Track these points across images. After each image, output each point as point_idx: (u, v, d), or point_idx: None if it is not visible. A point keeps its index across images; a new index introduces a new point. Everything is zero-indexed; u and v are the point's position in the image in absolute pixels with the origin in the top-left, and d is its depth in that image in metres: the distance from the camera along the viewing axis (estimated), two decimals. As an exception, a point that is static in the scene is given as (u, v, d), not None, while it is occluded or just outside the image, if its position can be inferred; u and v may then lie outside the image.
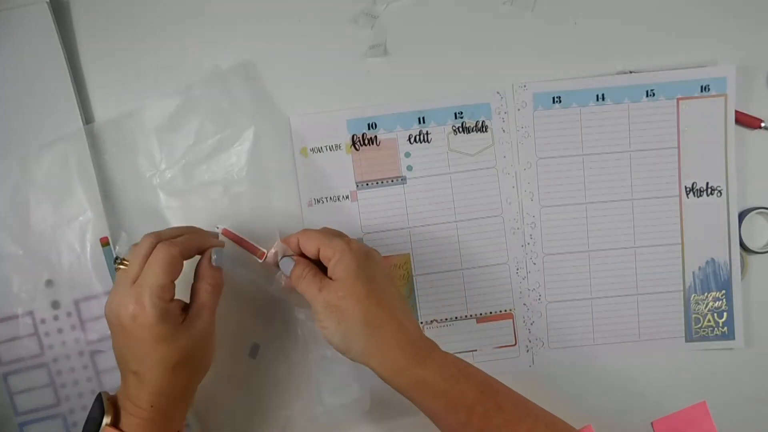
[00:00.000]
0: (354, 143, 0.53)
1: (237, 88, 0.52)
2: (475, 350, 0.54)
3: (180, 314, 0.43)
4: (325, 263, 0.45)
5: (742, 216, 0.53)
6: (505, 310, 0.54)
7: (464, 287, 0.54)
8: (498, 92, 0.53)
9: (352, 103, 0.53)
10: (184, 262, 0.44)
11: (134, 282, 0.42)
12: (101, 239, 0.51)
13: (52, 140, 0.50)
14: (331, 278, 0.45)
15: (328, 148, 0.53)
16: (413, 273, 0.53)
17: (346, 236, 0.47)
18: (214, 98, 0.52)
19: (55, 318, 0.51)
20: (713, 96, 0.52)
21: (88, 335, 0.51)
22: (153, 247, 0.43)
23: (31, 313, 0.51)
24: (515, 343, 0.54)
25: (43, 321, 0.51)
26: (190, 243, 0.45)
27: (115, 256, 0.45)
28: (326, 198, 0.53)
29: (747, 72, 0.53)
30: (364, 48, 0.53)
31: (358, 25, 0.53)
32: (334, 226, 0.50)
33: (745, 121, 0.52)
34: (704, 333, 0.53)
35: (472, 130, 0.53)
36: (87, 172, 0.51)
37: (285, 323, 0.52)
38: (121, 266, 0.43)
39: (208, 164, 0.52)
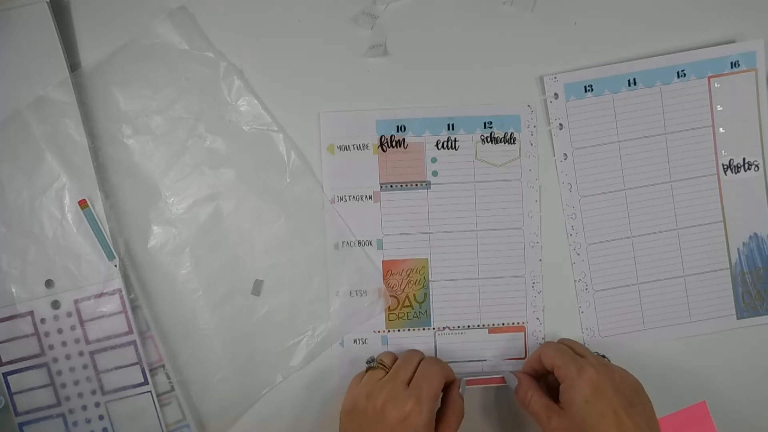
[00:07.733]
0: (381, 144, 0.53)
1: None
2: (485, 360, 0.53)
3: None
4: (560, 382, 0.46)
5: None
6: (518, 323, 0.53)
7: (479, 296, 0.53)
8: (529, 105, 0.53)
9: (350, 104, 0.53)
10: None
11: (407, 384, 0.44)
12: (80, 202, 0.51)
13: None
14: (559, 403, 0.45)
15: (355, 147, 0.53)
16: (429, 278, 0.53)
17: (583, 359, 0.46)
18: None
19: (55, 318, 0.51)
20: (743, 71, 0.52)
21: (88, 335, 0.51)
22: (421, 359, 0.48)
23: (31, 313, 0.51)
24: (525, 356, 0.53)
25: (43, 321, 0.51)
26: (449, 369, 0.48)
27: (370, 357, 0.50)
28: (349, 196, 0.53)
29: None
30: (364, 48, 0.53)
31: (358, 25, 0.53)
32: (356, 224, 0.52)
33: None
34: (755, 309, 0.53)
35: (500, 141, 0.53)
36: (53, 138, 0.51)
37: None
38: (380, 367, 0.47)
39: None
